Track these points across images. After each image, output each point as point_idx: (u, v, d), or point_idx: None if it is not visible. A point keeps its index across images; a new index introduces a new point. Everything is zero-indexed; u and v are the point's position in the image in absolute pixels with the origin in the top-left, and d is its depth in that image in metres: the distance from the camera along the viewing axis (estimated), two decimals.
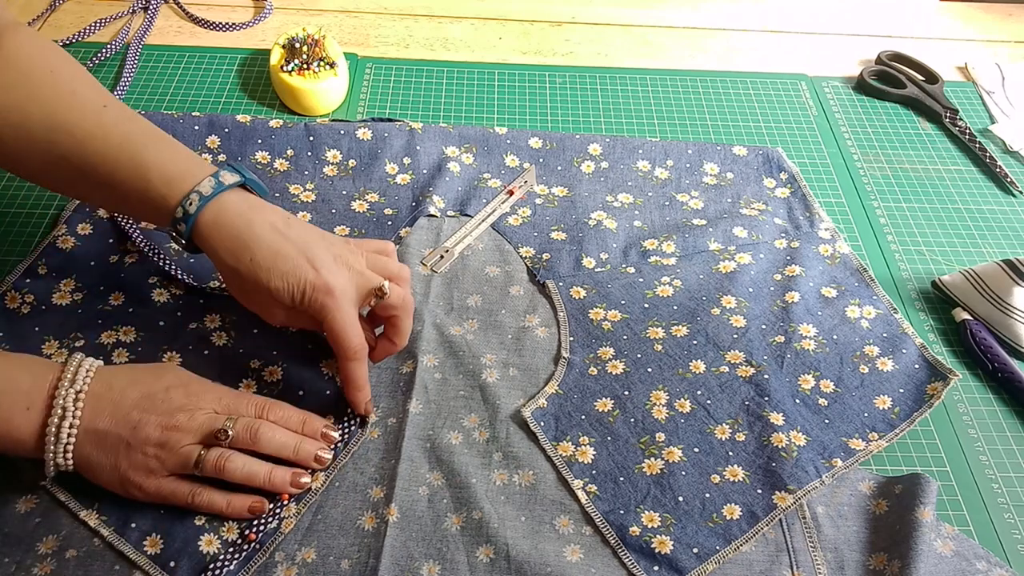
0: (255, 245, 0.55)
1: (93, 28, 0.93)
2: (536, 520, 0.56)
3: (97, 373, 0.53)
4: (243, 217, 0.56)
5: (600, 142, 0.82)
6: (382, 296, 0.58)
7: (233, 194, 0.56)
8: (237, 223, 0.55)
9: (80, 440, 0.51)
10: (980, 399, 0.65)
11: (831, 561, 0.54)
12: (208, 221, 0.55)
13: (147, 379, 0.54)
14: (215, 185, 0.55)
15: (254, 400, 0.56)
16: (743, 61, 0.97)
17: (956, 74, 0.97)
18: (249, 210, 0.56)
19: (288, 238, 0.56)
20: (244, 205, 0.56)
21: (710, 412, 0.62)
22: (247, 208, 0.56)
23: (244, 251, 0.55)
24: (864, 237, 0.77)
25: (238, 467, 0.53)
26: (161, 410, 0.53)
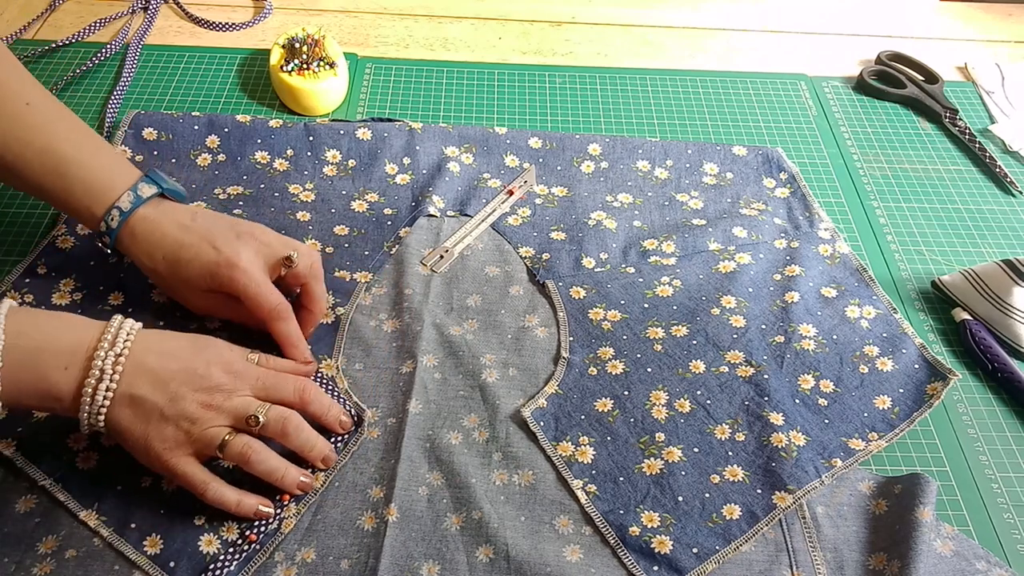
0: (164, 244, 0.60)
1: (93, 28, 0.93)
2: (536, 520, 0.56)
3: (138, 337, 0.53)
4: (155, 223, 0.60)
5: (600, 142, 0.82)
6: (290, 264, 0.61)
7: (149, 205, 0.61)
8: (150, 229, 0.60)
9: (115, 403, 0.51)
10: (980, 399, 0.65)
11: (831, 561, 0.54)
12: (128, 232, 0.60)
13: (188, 351, 0.54)
14: (134, 200, 0.60)
15: (292, 383, 0.56)
16: (743, 61, 0.97)
17: (956, 74, 0.97)
18: (160, 216, 0.60)
19: (191, 230, 0.60)
20: (156, 212, 0.61)
21: (710, 412, 0.62)
22: (159, 215, 0.61)
23: (156, 251, 0.60)
24: (864, 237, 0.77)
25: (261, 460, 0.53)
26: (201, 386, 0.52)
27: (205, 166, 0.77)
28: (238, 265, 0.58)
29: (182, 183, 0.75)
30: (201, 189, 0.75)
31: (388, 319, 0.67)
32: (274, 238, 0.62)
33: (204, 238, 0.59)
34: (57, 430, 0.57)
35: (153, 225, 0.60)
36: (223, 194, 0.74)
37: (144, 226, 0.60)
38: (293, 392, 0.56)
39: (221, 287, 0.59)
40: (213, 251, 0.58)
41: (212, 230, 0.60)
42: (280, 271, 0.61)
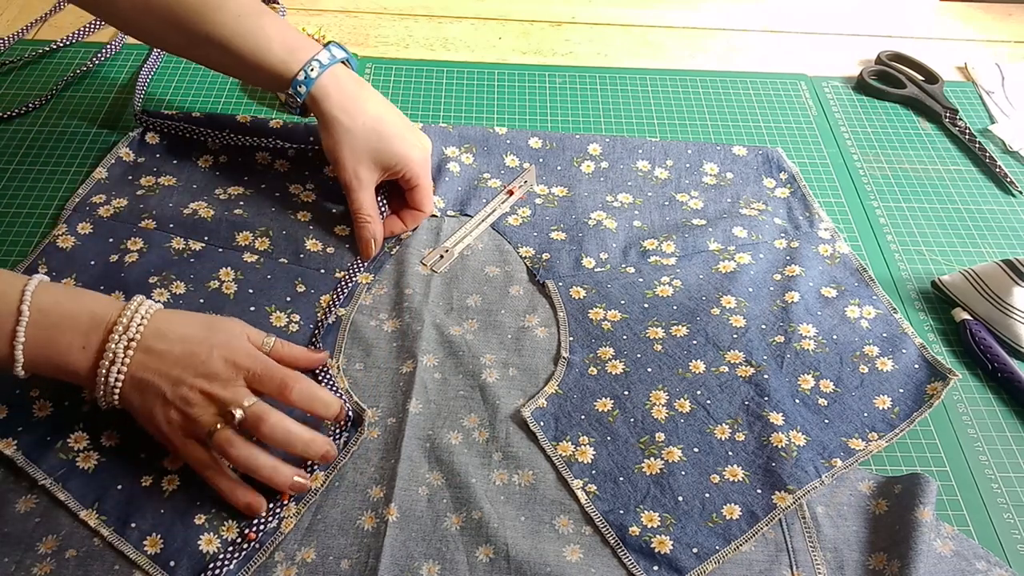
0: (367, 109, 0.68)
1: (93, 28, 0.93)
2: (536, 520, 0.56)
3: (152, 320, 0.55)
4: (356, 83, 0.69)
5: (600, 142, 0.82)
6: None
7: (340, 67, 0.69)
8: (353, 88, 0.69)
9: (126, 385, 0.54)
10: (980, 399, 0.65)
11: (831, 561, 0.54)
12: (326, 84, 0.67)
13: (199, 336, 0.55)
14: (331, 57, 0.68)
15: (278, 378, 0.55)
16: (743, 61, 0.97)
17: (956, 74, 0.97)
18: (357, 81, 0.70)
19: (392, 110, 0.71)
20: (352, 76, 0.70)
21: (710, 412, 0.62)
22: (355, 79, 0.70)
23: (359, 113, 0.68)
24: (864, 237, 0.77)
25: (243, 456, 0.53)
26: (200, 372, 0.53)
27: (207, 167, 0.77)
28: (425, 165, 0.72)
29: (183, 183, 0.75)
30: (202, 189, 0.75)
31: (388, 319, 0.67)
32: None
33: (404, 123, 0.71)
34: (57, 430, 0.57)
35: (356, 87, 0.69)
36: (224, 194, 0.74)
37: (346, 84, 0.68)
38: (277, 387, 0.55)
39: (396, 173, 0.70)
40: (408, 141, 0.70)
41: (398, 121, 0.70)
42: None
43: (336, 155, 0.68)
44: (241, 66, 0.68)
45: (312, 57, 0.67)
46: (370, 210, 0.70)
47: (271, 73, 0.67)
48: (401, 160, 0.69)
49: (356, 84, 0.69)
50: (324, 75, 0.67)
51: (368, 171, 0.69)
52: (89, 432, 0.57)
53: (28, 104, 0.83)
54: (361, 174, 0.69)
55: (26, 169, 0.77)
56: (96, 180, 0.75)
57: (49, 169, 0.77)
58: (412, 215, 0.73)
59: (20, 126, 0.82)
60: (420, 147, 0.71)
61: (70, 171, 0.77)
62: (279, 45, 0.67)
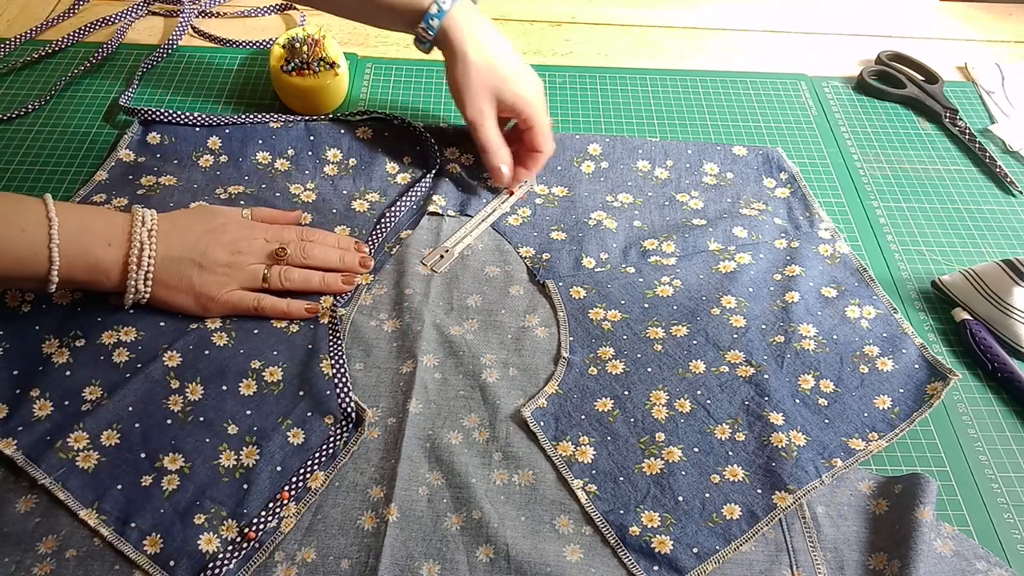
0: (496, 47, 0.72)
1: (93, 28, 0.93)
2: (536, 520, 0.56)
3: (160, 217, 0.63)
4: (486, 22, 0.72)
5: (600, 142, 0.82)
6: None
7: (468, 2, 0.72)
8: (483, 25, 0.72)
9: (158, 267, 0.62)
10: (980, 399, 0.65)
11: (831, 561, 0.54)
12: (456, 17, 0.70)
13: (204, 217, 0.65)
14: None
15: (294, 229, 0.68)
16: (743, 61, 0.97)
17: (956, 74, 0.97)
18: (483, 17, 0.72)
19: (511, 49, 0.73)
20: (478, 12, 0.72)
21: (710, 412, 0.62)
22: (481, 16, 0.72)
23: (486, 48, 0.71)
24: (864, 237, 0.77)
25: (296, 277, 0.66)
26: (224, 240, 0.64)
27: (207, 167, 0.77)
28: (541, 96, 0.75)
29: (184, 183, 0.75)
30: (203, 189, 0.75)
31: (388, 319, 0.67)
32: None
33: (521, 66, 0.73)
34: (57, 429, 0.57)
35: (483, 22, 0.71)
36: (224, 193, 0.74)
37: (476, 17, 0.71)
38: (296, 236, 0.67)
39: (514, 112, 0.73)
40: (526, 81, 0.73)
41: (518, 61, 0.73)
42: None
43: (461, 88, 0.71)
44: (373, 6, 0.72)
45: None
46: (499, 140, 0.73)
47: (404, 9, 0.71)
48: (520, 100, 0.72)
49: (483, 20, 0.72)
50: (454, 8, 0.70)
51: (490, 107, 0.72)
52: (89, 432, 0.57)
53: (28, 104, 0.83)
54: (485, 108, 0.72)
55: (26, 169, 0.77)
56: (97, 182, 0.75)
57: (49, 169, 0.77)
58: (533, 158, 0.75)
59: (20, 126, 0.82)
60: (536, 88, 0.74)
61: (70, 171, 0.77)
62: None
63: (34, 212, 0.58)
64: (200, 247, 0.63)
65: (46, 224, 0.58)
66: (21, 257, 0.57)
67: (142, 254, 0.61)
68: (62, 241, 0.58)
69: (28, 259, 0.58)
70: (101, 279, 0.61)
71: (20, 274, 0.58)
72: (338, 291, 0.67)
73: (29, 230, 0.58)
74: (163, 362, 0.61)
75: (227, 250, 0.64)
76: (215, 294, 0.63)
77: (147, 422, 0.58)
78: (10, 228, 0.57)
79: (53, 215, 0.58)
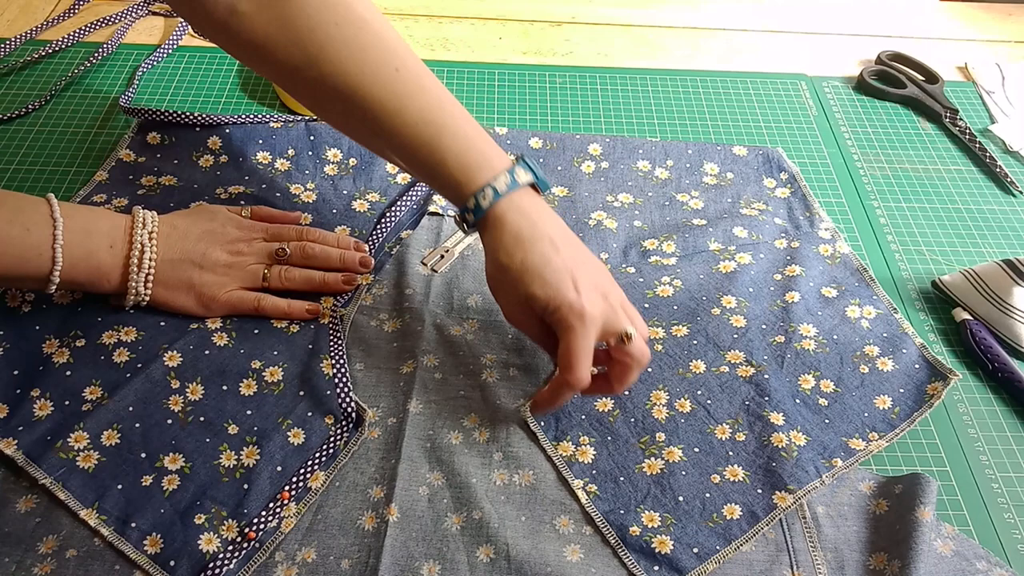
0: (530, 249, 0.56)
1: (92, 28, 0.93)
2: (536, 520, 0.56)
3: (160, 219, 0.63)
4: (527, 219, 0.57)
5: (600, 142, 0.82)
6: (625, 341, 0.56)
7: (523, 194, 0.58)
8: (521, 224, 0.57)
9: (158, 269, 0.62)
10: (980, 399, 0.65)
11: (831, 561, 0.54)
12: (496, 215, 0.57)
13: (204, 218, 0.65)
14: (510, 183, 0.57)
15: (294, 229, 0.68)
16: (743, 61, 0.97)
17: (956, 74, 0.97)
18: (533, 213, 0.58)
19: (560, 252, 0.57)
20: (530, 207, 0.58)
21: (710, 412, 0.62)
22: (532, 211, 0.58)
23: (518, 251, 0.56)
24: (864, 237, 0.77)
25: (297, 276, 0.66)
26: (223, 240, 0.64)
27: (207, 167, 0.77)
28: (583, 319, 0.55)
29: (184, 183, 0.75)
30: (203, 189, 0.75)
31: (389, 319, 0.67)
32: (621, 305, 0.58)
33: (569, 271, 0.56)
34: (57, 429, 0.57)
35: (526, 223, 0.57)
36: (224, 193, 0.74)
37: (515, 219, 0.57)
38: (297, 234, 0.67)
39: (555, 324, 0.56)
40: (573, 292, 0.55)
41: (578, 265, 0.57)
42: (611, 341, 0.57)
43: (493, 293, 0.60)
44: (422, 175, 0.61)
45: (488, 182, 0.57)
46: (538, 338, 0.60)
47: (445, 192, 0.60)
48: (545, 306, 0.56)
49: (529, 217, 0.57)
50: (498, 204, 0.57)
51: (524, 315, 0.58)
52: (89, 432, 0.57)
53: (28, 105, 0.83)
54: (516, 316, 0.59)
55: (26, 169, 0.77)
56: (97, 182, 0.75)
57: (49, 169, 0.77)
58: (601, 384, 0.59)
59: (20, 126, 0.82)
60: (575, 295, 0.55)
61: (70, 171, 0.77)
62: (455, 163, 0.58)
63: (39, 212, 0.58)
64: (200, 248, 0.63)
65: (51, 224, 0.58)
66: (25, 257, 0.57)
67: (143, 256, 0.61)
68: (66, 242, 0.58)
69: (32, 259, 0.58)
70: (102, 281, 0.61)
71: (22, 274, 0.58)
72: (339, 291, 0.67)
73: (34, 230, 0.58)
74: (163, 362, 0.61)
75: (227, 250, 0.64)
76: (216, 294, 0.63)
77: (147, 422, 0.58)
78: (15, 227, 0.57)
79: (58, 215, 0.58)
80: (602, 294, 0.57)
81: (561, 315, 0.55)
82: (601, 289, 0.57)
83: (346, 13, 0.59)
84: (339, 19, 0.58)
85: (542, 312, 0.56)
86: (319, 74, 0.58)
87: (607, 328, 0.56)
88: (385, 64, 0.59)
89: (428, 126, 0.58)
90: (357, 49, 0.58)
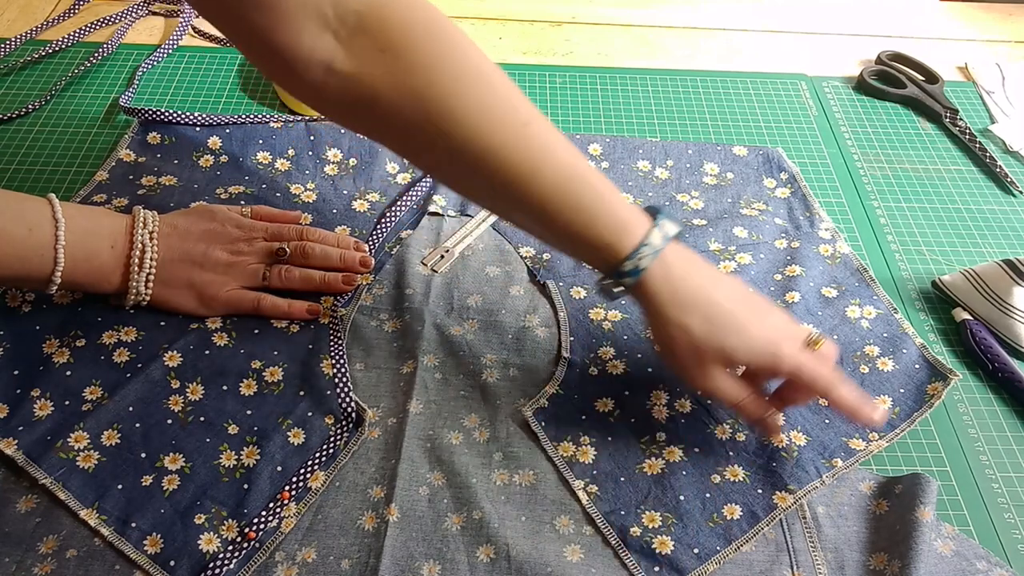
0: (701, 299, 0.53)
1: (92, 28, 0.93)
2: (536, 520, 0.56)
3: (160, 219, 0.63)
4: (689, 267, 0.54)
5: (600, 142, 0.82)
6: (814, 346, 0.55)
7: (673, 248, 0.54)
8: (685, 275, 0.54)
9: (159, 269, 0.62)
10: (980, 399, 0.65)
11: (831, 561, 0.54)
12: (657, 275, 0.53)
13: (203, 219, 0.65)
14: (664, 237, 0.53)
15: (294, 229, 0.67)
16: (743, 61, 0.97)
17: (956, 74, 0.97)
18: (690, 265, 0.55)
19: (733, 298, 0.54)
20: (684, 259, 0.54)
21: (710, 412, 0.62)
22: (687, 263, 0.54)
23: (692, 307, 0.53)
24: (864, 237, 0.77)
25: (297, 276, 0.66)
26: (223, 240, 0.64)
27: (207, 167, 0.77)
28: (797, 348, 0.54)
29: (184, 183, 0.75)
30: (203, 189, 0.75)
31: (389, 319, 0.67)
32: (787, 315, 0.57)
33: (742, 312, 0.54)
34: (58, 429, 0.57)
35: (691, 273, 0.54)
36: (224, 193, 0.74)
37: (678, 275, 0.53)
38: (298, 233, 0.67)
39: (765, 368, 0.55)
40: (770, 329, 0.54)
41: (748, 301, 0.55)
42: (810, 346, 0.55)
43: (671, 355, 0.56)
44: (559, 240, 0.56)
45: (642, 241, 0.52)
46: (737, 394, 0.55)
47: (594, 256, 0.54)
48: (742, 355, 0.54)
49: (689, 268, 0.54)
50: (656, 263, 0.53)
51: (714, 367, 0.54)
52: (89, 432, 0.57)
53: (28, 105, 0.83)
54: (707, 371, 0.55)
55: (26, 169, 0.77)
56: (97, 182, 0.75)
57: (49, 169, 0.77)
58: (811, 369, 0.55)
59: (20, 126, 0.82)
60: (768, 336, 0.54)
61: (70, 171, 0.77)
62: (604, 224, 0.53)
63: (41, 213, 0.58)
64: (200, 247, 0.63)
65: (53, 225, 0.58)
66: (27, 257, 0.57)
67: (144, 256, 0.61)
68: (68, 243, 0.58)
69: (34, 259, 0.58)
70: (102, 282, 0.61)
71: (24, 274, 0.58)
72: (339, 291, 0.67)
73: (36, 230, 0.57)
74: (163, 362, 0.61)
75: (227, 250, 0.64)
76: (216, 293, 0.63)
77: (147, 422, 0.58)
78: (18, 228, 0.57)
79: (60, 216, 0.58)
80: (773, 313, 0.56)
81: (774, 361, 0.53)
82: (772, 310, 0.57)
83: (464, 64, 0.52)
84: (458, 72, 0.52)
85: (747, 360, 0.54)
86: (438, 134, 0.51)
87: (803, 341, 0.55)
88: (513, 122, 0.52)
89: (567, 189, 0.53)
90: (482, 105, 0.51)
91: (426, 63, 0.51)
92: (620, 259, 0.53)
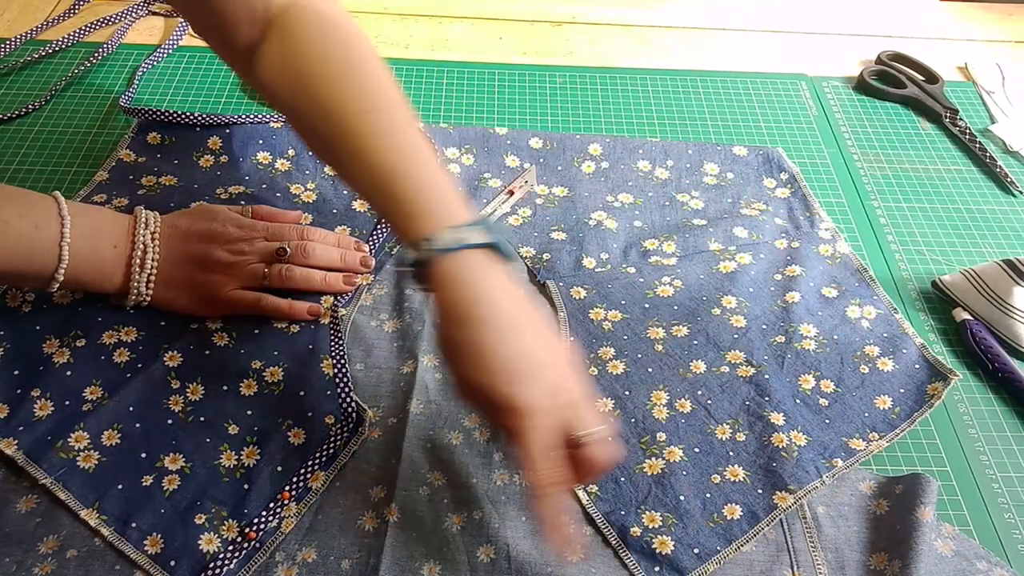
0: (477, 326, 0.49)
1: (92, 28, 0.93)
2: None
3: (161, 219, 0.64)
4: (476, 290, 0.50)
5: (600, 142, 0.82)
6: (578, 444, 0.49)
7: (476, 255, 0.51)
8: (469, 294, 0.50)
9: (160, 270, 0.62)
10: (980, 399, 0.65)
11: (831, 561, 0.54)
12: (443, 273, 0.50)
13: (203, 219, 0.65)
14: (456, 242, 0.50)
15: (295, 228, 0.67)
16: (743, 61, 0.97)
17: (956, 74, 0.97)
18: (487, 283, 0.50)
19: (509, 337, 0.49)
20: (484, 276, 0.51)
21: (711, 412, 0.62)
22: (485, 281, 0.51)
23: (463, 326, 0.49)
24: (864, 237, 0.77)
25: (297, 275, 0.65)
26: (224, 240, 0.64)
27: (207, 167, 0.77)
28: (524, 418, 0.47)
29: (184, 183, 0.75)
30: (203, 189, 0.75)
31: (389, 319, 0.67)
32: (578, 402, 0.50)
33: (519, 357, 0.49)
34: (58, 429, 0.57)
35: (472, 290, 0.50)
36: (224, 193, 0.74)
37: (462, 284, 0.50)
38: (296, 235, 0.67)
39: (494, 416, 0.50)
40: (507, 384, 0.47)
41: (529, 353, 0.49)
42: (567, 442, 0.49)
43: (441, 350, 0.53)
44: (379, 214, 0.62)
45: (434, 235, 0.50)
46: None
47: (399, 236, 0.55)
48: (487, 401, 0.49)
49: (479, 288, 0.50)
50: (446, 265, 0.50)
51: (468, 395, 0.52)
52: (90, 432, 0.57)
53: (28, 105, 0.83)
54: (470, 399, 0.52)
55: (26, 169, 0.77)
56: (97, 182, 0.75)
57: (50, 169, 0.77)
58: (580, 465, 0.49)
59: (20, 126, 0.82)
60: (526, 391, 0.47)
61: (70, 171, 0.77)
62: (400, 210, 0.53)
63: (47, 209, 0.58)
64: (201, 247, 0.63)
65: (59, 222, 0.58)
66: (32, 253, 0.57)
67: (145, 256, 0.61)
68: (73, 240, 0.58)
69: (38, 256, 0.58)
70: (104, 281, 0.61)
71: (28, 270, 0.58)
72: (339, 291, 0.67)
73: (42, 227, 0.58)
74: (164, 362, 0.61)
75: (228, 250, 0.64)
76: (216, 293, 0.63)
77: (148, 422, 0.58)
78: (24, 223, 0.57)
79: (66, 213, 0.58)
80: (551, 391, 0.48)
81: (497, 410, 0.48)
82: (553, 384, 0.49)
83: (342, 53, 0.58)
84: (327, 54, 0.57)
85: (481, 404, 0.51)
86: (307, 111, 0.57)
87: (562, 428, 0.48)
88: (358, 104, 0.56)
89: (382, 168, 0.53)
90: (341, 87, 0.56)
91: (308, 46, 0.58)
92: (411, 240, 0.51)
